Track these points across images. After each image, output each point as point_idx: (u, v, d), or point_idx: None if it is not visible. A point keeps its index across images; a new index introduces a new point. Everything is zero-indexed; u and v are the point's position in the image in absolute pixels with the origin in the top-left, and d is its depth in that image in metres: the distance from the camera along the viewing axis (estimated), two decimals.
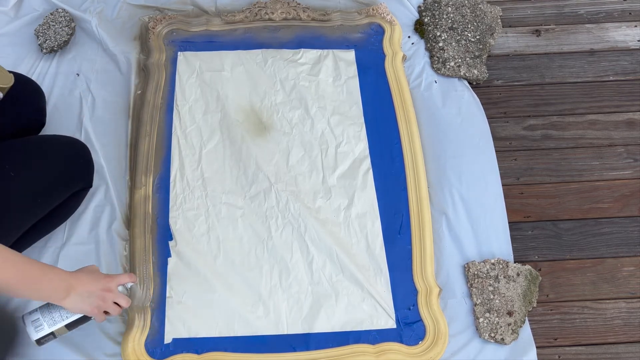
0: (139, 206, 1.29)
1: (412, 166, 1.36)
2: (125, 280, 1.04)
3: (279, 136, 1.40)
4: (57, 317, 0.98)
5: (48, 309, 0.99)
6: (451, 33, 1.56)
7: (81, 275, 0.97)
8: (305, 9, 1.60)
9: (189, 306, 1.20)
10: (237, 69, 1.49)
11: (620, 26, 1.64)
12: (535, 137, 1.47)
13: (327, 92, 1.47)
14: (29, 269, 0.89)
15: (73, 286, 0.94)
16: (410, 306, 1.22)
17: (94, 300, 0.97)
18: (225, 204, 1.31)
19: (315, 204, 1.31)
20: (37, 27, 1.51)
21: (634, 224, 1.35)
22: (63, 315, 0.98)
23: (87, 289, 0.96)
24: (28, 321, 0.98)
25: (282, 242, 1.27)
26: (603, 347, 1.22)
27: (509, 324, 1.19)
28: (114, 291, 1.00)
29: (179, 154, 1.36)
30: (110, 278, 1.00)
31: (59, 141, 1.15)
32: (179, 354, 1.15)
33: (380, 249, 1.27)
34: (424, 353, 1.17)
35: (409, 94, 1.46)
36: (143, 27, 1.56)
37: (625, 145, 1.46)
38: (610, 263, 1.31)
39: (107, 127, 1.40)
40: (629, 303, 1.26)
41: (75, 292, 0.94)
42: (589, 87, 1.55)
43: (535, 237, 1.34)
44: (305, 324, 1.19)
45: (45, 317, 0.98)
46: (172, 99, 1.44)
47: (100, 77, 1.48)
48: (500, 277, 1.23)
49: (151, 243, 1.25)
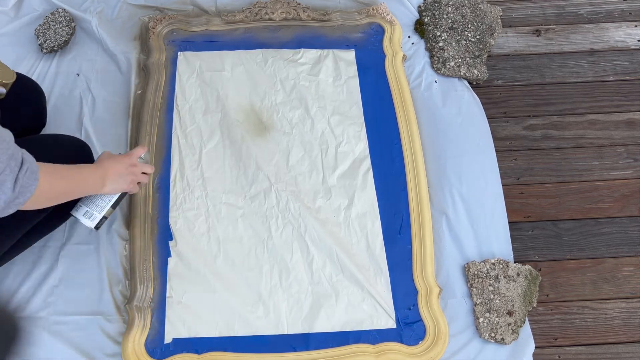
0: (139, 206, 1.29)
1: (412, 166, 1.36)
2: (141, 152, 1.13)
3: (279, 136, 1.40)
4: (101, 203, 1.10)
5: (90, 199, 1.10)
6: (451, 33, 1.56)
7: (106, 162, 1.06)
8: (306, 9, 1.60)
9: (189, 306, 1.20)
10: (237, 68, 1.49)
11: (620, 26, 1.64)
12: (536, 137, 1.47)
13: (327, 92, 1.47)
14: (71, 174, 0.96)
15: (105, 174, 1.04)
16: (411, 306, 1.22)
17: (127, 177, 1.07)
18: (225, 204, 1.31)
19: (316, 204, 1.31)
20: (37, 27, 1.51)
21: (634, 224, 1.35)
22: (105, 199, 1.10)
23: (116, 171, 1.06)
24: (79, 215, 1.09)
25: (282, 242, 1.27)
26: (603, 347, 1.22)
27: (509, 324, 1.19)
28: (137, 164, 1.10)
29: (179, 153, 1.36)
30: (129, 155, 1.10)
31: (62, 142, 1.14)
32: (179, 354, 1.15)
33: (380, 249, 1.27)
34: (424, 353, 1.17)
35: (409, 94, 1.46)
36: (143, 27, 1.56)
37: (626, 145, 1.46)
38: (610, 263, 1.31)
39: (107, 127, 1.40)
40: (629, 303, 1.26)
41: (109, 178, 1.04)
42: (589, 87, 1.55)
43: (535, 237, 1.34)
44: (305, 324, 1.19)
45: (91, 206, 1.09)
46: (172, 98, 1.44)
47: (100, 77, 1.48)
48: (501, 277, 1.23)
49: (151, 243, 1.25)
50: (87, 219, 1.09)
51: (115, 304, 1.20)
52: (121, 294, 1.21)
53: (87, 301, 1.20)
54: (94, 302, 1.20)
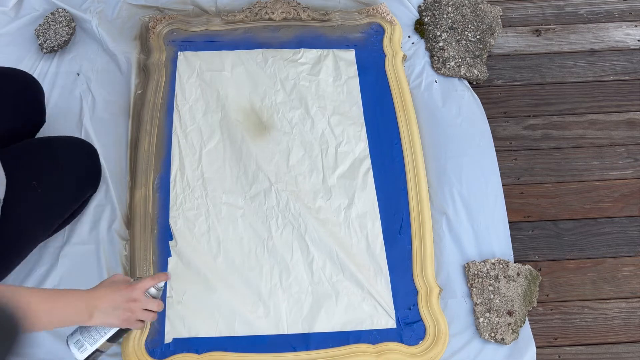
0: (139, 206, 1.29)
1: (412, 166, 1.36)
2: (151, 284, 0.96)
3: (279, 136, 1.40)
4: (95, 335, 0.95)
5: (86, 328, 0.95)
6: (451, 33, 1.56)
7: (101, 290, 0.92)
8: (306, 9, 1.60)
9: (189, 306, 1.20)
10: (237, 68, 1.49)
11: (620, 26, 1.64)
12: (536, 137, 1.47)
13: (327, 92, 1.47)
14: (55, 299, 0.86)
15: (94, 304, 0.90)
16: (411, 306, 1.22)
17: (121, 313, 0.92)
18: (225, 204, 1.31)
19: (316, 204, 1.31)
20: (37, 27, 1.51)
21: (634, 224, 1.35)
22: (101, 332, 0.95)
23: (109, 304, 0.91)
24: (71, 343, 0.95)
25: (282, 242, 1.27)
26: (603, 347, 1.22)
27: (509, 324, 1.19)
28: (139, 299, 0.94)
29: (179, 153, 1.36)
30: (132, 287, 0.94)
31: (73, 148, 1.12)
32: (179, 354, 1.15)
33: (380, 248, 1.27)
34: (424, 353, 1.17)
35: (409, 94, 1.46)
36: (143, 27, 1.56)
37: (626, 145, 1.46)
38: (610, 263, 1.31)
39: (107, 127, 1.40)
40: (629, 303, 1.26)
41: (98, 309, 0.90)
42: (589, 86, 1.55)
43: (535, 237, 1.34)
44: (305, 324, 1.19)
45: (84, 336, 0.95)
46: (172, 98, 1.44)
47: (100, 77, 1.48)
48: (501, 277, 1.23)
49: (151, 243, 1.25)
50: (76, 349, 0.94)
51: None
52: None
53: None
54: None
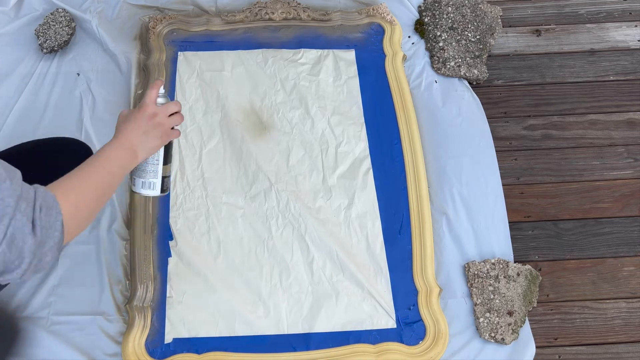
0: (139, 206, 1.29)
1: (412, 166, 1.36)
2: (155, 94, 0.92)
3: (279, 136, 1.40)
4: (151, 167, 0.93)
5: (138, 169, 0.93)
6: (451, 33, 1.56)
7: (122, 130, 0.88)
8: (306, 9, 1.60)
9: (189, 306, 1.20)
10: (237, 68, 1.49)
11: (620, 26, 1.64)
12: (536, 137, 1.47)
13: (327, 92, 1.47)
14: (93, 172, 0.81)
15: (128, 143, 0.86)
16: (411, 306, 1.22)
17: (155, 133, 0.89)
18: (225, 204, 1.31)
19: (316, 204, 1.31)
20: (38, 27, 1.51)
21: (634, 224, 1.35)
22: (153, 161, 0.93)
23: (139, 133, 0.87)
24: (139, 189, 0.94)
25: (282, 242, 1.27)
26: (603, 347, 1.22)
27: (509, 324, 1.19)
28: (157, 111, 0.89)
29: (179, 153, 1.36)
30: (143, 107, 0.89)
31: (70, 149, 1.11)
32: (179, 354, 1.15)
33: (380, 248, 1.27)
34: (424, 353, 1.17)
35: (409, 94, 1.46)
36: (143, 27, 1.56)
37: (626, 145, 1.46)
38: (610, 263, 1.31)
39: (107, 127, 1.40)
40: (630, 303, 1.26)
41: (136, 145, 0.87)
42: (590, 87, 1.55)
43: (535, 237, 1.34)
44: (305, 324, 1.19)
45: (143, 176, 0.93)
46: (172, 98, 1.44)
47: (100, 77, 1.48)
48: (501, 277, 1.23)
49: (151, 243, 1.25)
50: (149, 190, 0.93)
51: (115, 304, 1.20)
52: (121, 294, 1.21)
53: (87, 301, 1.20)
54: (94, 302, 1.20)
